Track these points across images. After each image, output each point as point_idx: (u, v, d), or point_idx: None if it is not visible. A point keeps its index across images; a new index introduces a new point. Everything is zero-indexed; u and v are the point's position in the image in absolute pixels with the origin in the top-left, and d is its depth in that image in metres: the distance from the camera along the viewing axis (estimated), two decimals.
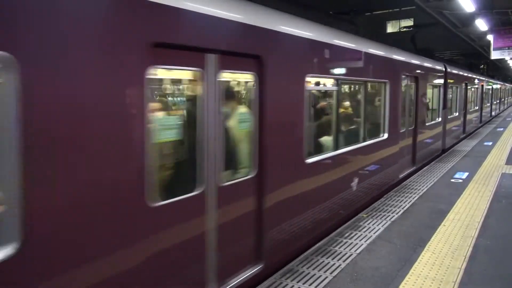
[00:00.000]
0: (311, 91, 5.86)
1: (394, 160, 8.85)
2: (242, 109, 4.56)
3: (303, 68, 5.31)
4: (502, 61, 29.67)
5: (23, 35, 2.35)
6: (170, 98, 3.96)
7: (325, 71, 6.01)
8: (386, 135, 8.31)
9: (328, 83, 6.31)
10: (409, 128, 9.89)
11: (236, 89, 4.67)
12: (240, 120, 4.46)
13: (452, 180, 9.37)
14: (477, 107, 21.72)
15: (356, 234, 6.05)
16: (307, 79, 5.37)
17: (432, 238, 5.83)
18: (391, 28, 16.43)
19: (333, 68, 6.22)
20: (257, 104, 4.47)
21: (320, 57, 5.76)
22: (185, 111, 4.03)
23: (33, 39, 2.39)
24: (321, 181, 5.81)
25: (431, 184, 9.02)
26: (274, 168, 4.67)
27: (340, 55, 6.41)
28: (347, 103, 7.32)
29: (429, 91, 11.97)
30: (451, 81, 14.40)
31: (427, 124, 11.45)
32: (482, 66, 32.19)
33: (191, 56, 3.62)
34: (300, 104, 5.24)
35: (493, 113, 29.92)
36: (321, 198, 5.87)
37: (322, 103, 6.68)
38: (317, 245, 5.66)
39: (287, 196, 5.01)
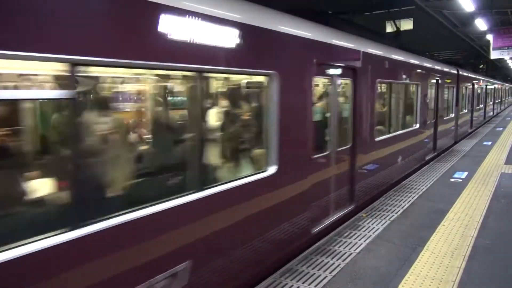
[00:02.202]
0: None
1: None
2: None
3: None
4: (501, 61, 29.69)
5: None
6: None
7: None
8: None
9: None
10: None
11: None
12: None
13: (452, 180, 9.37)
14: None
15: (356, 233, 6.05)
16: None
17: (432, 237, 5.83)
18: (390, 28, 16.42)
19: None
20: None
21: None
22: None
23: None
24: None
25: (431, 183, 9.02)
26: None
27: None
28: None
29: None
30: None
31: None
32: (481, 66, 32.21)
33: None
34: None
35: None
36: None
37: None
38: (317, 244, 5.67)
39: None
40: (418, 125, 10.60)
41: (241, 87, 5.00)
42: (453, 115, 15.52)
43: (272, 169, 4.79)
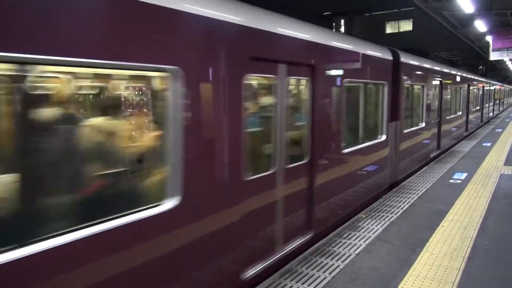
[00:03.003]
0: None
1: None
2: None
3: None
4: (500, 62, 29.71)
5: None
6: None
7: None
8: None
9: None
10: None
11: None
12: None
13: (451, 181, 9.38)
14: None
15: (355, 234, 6.05)
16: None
17: (431, 238, 5.83)
18: (390, 29, 16.44)
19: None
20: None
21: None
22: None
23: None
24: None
25: (430, 184, 9.03)
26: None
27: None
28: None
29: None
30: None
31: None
32: (480, 67, 32.24)
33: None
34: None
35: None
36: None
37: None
38: (316, 245, 5.66)
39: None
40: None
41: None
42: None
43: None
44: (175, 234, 3.45)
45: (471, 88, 18.51)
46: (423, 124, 11.07)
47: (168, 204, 3.36)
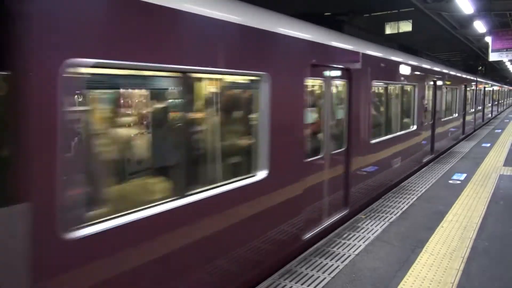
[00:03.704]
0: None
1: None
2: None
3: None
4: (500, 63, 29.74)
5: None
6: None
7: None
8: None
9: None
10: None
11: None
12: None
13: (450, 182, 9.38)
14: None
15: (354, 235, 6.05)
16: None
17: (430, 239, 5.84)
18: (389, 29, 16.46)
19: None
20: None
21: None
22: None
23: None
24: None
25: (429, 185, 9.03)
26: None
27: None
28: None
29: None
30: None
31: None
32: (480, 68, 32.27)
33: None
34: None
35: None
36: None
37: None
38: (315, 246, 5.67)
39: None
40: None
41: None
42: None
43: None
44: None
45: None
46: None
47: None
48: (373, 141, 7.72)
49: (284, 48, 4.98)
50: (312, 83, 5.79)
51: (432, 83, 11.78)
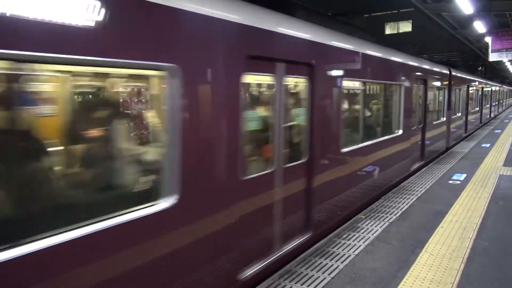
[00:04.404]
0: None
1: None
2: None
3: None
4: (499, 63, 29.76)
5: None
6: None
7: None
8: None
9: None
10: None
11: None
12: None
13: (450, 182, 9.38)
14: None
15: (354, 235, 6.05)
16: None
17: (430, 239, 5.83)
18: (389, 29, 16.47)
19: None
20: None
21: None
22: None
23: None
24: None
25: (429, 185, 9.03)
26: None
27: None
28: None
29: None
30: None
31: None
32: (480, 68, 32.28)
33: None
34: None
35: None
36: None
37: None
38: (315, 246, 5.66)
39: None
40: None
41: None
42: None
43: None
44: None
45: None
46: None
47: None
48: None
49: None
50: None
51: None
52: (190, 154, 3.53)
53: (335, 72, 6.12)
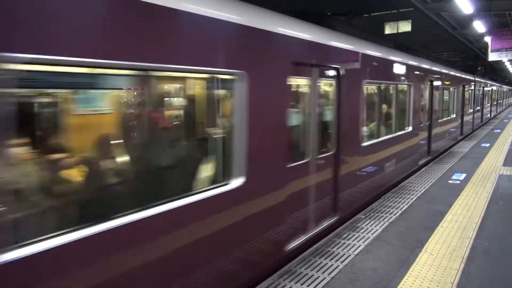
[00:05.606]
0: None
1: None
2: None
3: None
4: (499, 63, 29.76)
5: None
6: None
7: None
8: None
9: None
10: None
11: None
12: None
13: (450, 182, 9.38)
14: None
15: (354, 235, 6.05)
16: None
17: (430, 239, 5.83)
18: (389, 29, 16.45)
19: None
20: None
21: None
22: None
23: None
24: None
25: (429, 185, 9.03)
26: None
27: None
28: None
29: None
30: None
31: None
32: (479, 68, 32.27)
33: None
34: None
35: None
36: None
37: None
38: (315, 246, 5.66)
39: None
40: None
41: None
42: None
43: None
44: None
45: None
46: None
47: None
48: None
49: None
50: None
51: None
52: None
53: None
